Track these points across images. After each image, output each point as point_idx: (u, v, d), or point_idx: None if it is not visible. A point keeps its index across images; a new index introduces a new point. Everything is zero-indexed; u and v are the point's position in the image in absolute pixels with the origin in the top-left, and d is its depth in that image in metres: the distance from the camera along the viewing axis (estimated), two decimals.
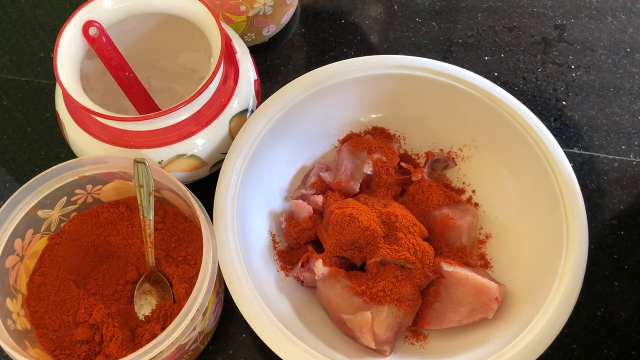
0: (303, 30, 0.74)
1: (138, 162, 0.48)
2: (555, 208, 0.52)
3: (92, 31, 0.53)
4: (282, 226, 0.57)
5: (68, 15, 0.53)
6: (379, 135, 0.61)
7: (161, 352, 0.43)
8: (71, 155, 0.59)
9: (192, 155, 0.54)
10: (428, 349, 0.52)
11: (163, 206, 0.55)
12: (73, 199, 0.53)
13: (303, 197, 0.57)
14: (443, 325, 0.52)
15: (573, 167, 0.57)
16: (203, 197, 0.52)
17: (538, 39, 0.73)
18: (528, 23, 0.74)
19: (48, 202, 0.51)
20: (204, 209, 0.49)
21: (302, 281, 0.54)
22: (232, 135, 0.56)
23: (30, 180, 0.49)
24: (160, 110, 0.51)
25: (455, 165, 0.60)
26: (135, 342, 0.49)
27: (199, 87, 0.50)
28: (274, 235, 0.57)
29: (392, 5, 0.76)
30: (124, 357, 0.42)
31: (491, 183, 0.58)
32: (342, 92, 0.59)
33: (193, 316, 0.44)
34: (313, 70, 0.58)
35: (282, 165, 0.59)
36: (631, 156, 0.65)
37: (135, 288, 0.53)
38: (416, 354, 0.51)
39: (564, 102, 0.68)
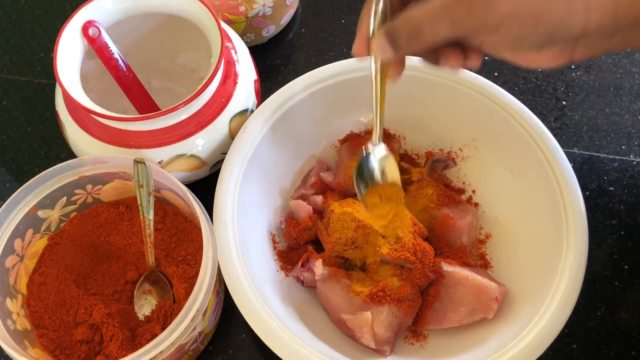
0: (303, 30, 0.74)
1: (138, 162, 0.48)
2: (555, 208, 0.52)
3: (92, 31, 0.53)
4: (282, 226, 0.57)
5: (68, 15, 0.53)
6: None
7: (161, 352, 0.43)
8: (71, 155, 0.58)
9: (192, 155, 0.54)
10: (428, 349, 0.52)
11: (163, 206, 0.55)
12: (73, 199, 0.53)
13: (303, 197, 0.57)
14: (443, 325, 0.52)
15: (573, 167, 0.57)
16: (203, 197, 0.52)
17: None
18: None
19: (48, 202, 0.51)
20: (204, 209, 0.49)
21: (302, 281, 0.54)
22: (232, 135, 0.56)
23: (30, 180, 0.49)
24: (160, 110, 0.51)
25: (455, 165, 0.60)
26: (135, 342, 0.49)
27: (199, 87, 0.50)
28: (274, 235, 0.57)
29: None
30: (124, 357, 0.42)
31: (491, 183, 0.58)
32: (342, 92, 0.59)
33: (193, 316, 0.44)
34: (313, 70, 0.58)
35: (282, 165, 0.59)
36: (631, 156, 0.65)
37: (135, 288, 0.53)
38: (416, 354, 0.51)
39: (564, 102, 0.68)
